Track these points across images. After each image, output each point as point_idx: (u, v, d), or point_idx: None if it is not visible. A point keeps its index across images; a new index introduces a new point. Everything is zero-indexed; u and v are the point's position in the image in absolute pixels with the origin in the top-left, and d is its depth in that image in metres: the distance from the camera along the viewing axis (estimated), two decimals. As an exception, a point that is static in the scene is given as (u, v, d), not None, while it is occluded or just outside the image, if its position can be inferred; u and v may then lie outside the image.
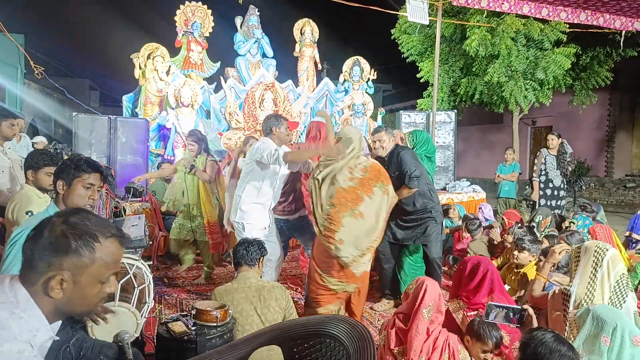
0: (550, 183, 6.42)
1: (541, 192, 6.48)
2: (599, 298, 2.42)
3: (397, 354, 2.47)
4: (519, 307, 2.57)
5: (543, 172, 6.46)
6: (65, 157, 4.06)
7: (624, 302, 2.37)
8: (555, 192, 6.42)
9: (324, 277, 3.25)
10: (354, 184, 3.26)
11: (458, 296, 3.10)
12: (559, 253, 3.06)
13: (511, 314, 2.49)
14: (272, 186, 3.61)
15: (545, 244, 4.06)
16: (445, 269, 5.29)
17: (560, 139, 6.51)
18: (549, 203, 6.39)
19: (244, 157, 3.90)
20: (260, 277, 2.85)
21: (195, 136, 4.60)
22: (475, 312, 2.95)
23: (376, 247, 3.55)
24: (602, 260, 2.46)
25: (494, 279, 2.97)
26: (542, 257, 3.65)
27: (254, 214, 3.55)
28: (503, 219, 5.53)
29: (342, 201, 3.20)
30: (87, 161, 2.17)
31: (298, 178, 4.10)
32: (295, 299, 4.24)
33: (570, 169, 6.53)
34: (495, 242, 5.30)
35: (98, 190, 2.20)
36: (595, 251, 2.51)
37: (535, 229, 5.14)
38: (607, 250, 2.49)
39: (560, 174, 6.43)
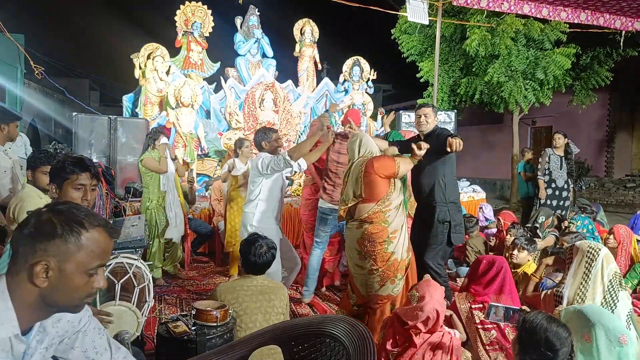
0: (552, 183, 6.34)
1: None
2: (590, 298, 2.40)
3: (391, 357, 2.43)
4: (518, 308, 2.60)
5: (547, 172, 6.39)
6: (65, 157, 4.06)
7: (617, 301, 2.36)
8: (557, 192, 6.34)
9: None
10: None
11: (468, 290, 3.11)
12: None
13: (511, 313, 2.52)
14: (279, 198, 3.60)
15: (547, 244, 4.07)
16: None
17: (566, 139, 6.43)
18: (549, 202, 6.33)
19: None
20: None
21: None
22: (481, 306, 2.96)
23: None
24: (596, 260, 2.44)
25: (505, 278, 2.96)
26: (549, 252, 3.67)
27: (268, 230, 3.38)
28: (499, 219, 5.50)
29: None
30: (73, 161, 2.03)
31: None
32: (296, 299, 4.25)
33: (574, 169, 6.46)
34: (493, 244, 5.30)
35: (93, 189, 2.08)
36: (588, 251, 2.49)
37: (538, 230, 5.14)
38: (600, 249, 2.47)
39: (567, 175, 6.33)
